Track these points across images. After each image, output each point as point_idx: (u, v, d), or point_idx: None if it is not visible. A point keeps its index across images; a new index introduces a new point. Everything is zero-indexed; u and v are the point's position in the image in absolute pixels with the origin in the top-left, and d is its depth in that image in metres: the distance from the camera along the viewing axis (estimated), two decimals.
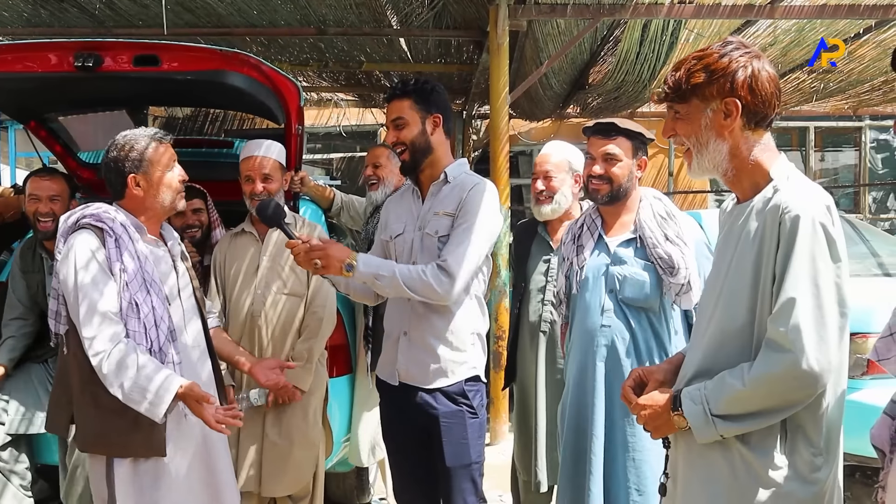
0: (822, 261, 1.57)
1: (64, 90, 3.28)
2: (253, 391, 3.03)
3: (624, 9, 4.97)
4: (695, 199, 9.33)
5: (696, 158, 1.75)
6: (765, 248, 1.64)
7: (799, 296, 1.56)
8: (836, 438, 1.66)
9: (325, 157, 11.57)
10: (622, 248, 2.58)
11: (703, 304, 1.84)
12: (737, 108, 1.68)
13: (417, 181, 2.66)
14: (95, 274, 2.22)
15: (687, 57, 1.75)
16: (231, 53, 2.90)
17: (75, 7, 5.66)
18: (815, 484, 1.62)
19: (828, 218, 1.60)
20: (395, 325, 2.64)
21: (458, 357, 2.55)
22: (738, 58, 1.68)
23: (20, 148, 10.04)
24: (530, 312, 3.18)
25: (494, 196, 2.57)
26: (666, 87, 1.75)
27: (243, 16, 5.86)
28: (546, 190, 3.10)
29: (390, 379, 2.64)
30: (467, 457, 2.57)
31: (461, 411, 2.56)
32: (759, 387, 1.59)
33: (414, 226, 2.60)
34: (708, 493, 1.70)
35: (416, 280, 2.41)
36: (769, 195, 1.66)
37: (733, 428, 1.64)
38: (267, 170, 3.05)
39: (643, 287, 2.52)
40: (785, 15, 5.22)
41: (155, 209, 2.39)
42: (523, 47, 6.00)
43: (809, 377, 1.55)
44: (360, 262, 2.39)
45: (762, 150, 1.72)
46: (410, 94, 2.56)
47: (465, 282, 2.45)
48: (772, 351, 1.59)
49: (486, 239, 2.51)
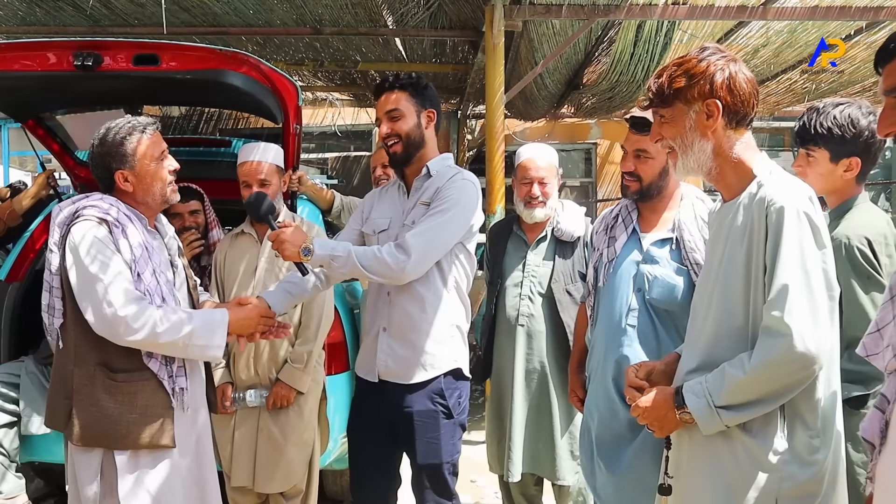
0: (808, 248, 1.66)
1: (63, 89, 3.29)
2: (250, 391, 3.04)
3: (618, 10, 5.00)
4: None
5: (682, 159, 1.84)
6: (754, 242, 1.72)
7: (791, 282, 1.64)
8: (831, 420, 1.75)
9: (320, 157, 11.57)
10: (656, 248, 2.46)
11: (697, 302, 1.90)
12: (718, 109, 1.77)
13: (403, 176, 2.67)
14: (111, 258, 2.16)
15: (668, 64, 1.85)
16: (231, 53, 2.92)
17: (71, 6, 5.65)
18: (814, 465, 1.70)
19: (811, 207, 1.70)
20: (373, 321, 2.65)
21: (438, 350, 2.56)
22: (715, 61, 1.78)
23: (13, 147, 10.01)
24: (507, 307, 3.24)
25: (472, 188, 2.57)
26: (650, 94, 1.84)
27: (239, 15, 5.86)
28: (542, 195, 3.14)
29: (369, 376, 2.63)
30: (438, 456, 2.58)
31: (436, 411, 2.57)
32: (759, 373, 1.66)
33: (399, 221, 2.61)
34: (712, 481, 1.77)
35: (370, 258, 2.41)
36: (754, 190, 1.76)
37: (737, 417, 1.71)
38: (263, 174, 3.05)
39: (673, 291, 2.39)
40: (777, 16, 5.25)
41: (147, 203, 2.33)
42: (518, 47, 6.02)
43: (806, 358, 1.63)
44: (316, 245, 2.39)
45: (744, 149, 1.81)
46: (406, 87, 2.57)
47: (421, 260, 2.43)
48: (769, 337, 1.66)
49: (455, 226, 2.50)
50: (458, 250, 2.59)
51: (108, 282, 2.14)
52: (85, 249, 2.16)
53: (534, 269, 3.21)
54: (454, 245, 2.55)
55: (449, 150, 9.45)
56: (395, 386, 2.59)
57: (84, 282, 2.16)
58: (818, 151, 2.31)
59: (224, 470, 3.06)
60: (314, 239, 2.42)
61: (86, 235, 2.18)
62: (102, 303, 2.13)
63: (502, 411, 3.28)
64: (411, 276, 2.47)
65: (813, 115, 2.32)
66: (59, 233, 2.23)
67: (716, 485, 1.76)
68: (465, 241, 2.59)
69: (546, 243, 3.23)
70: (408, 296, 2.55)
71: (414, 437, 2.57)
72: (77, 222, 2.21)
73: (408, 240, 2.42)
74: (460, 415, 2.65)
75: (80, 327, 2.21)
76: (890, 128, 1.52)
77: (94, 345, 2.20)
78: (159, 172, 2.32)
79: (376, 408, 2.65)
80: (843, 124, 2.26)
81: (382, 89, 2.61)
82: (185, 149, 4.05)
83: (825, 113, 2.29)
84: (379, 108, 2.62)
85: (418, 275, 2.49)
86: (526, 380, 3.19)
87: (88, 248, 2.16)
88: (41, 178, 3.69)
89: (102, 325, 2.15)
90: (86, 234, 2.18)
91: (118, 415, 2.20)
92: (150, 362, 2.24)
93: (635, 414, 1.90)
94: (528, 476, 3.29)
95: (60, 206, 2.28)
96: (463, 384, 2.65)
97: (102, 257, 2.16)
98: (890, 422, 1.52)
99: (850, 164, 2.30)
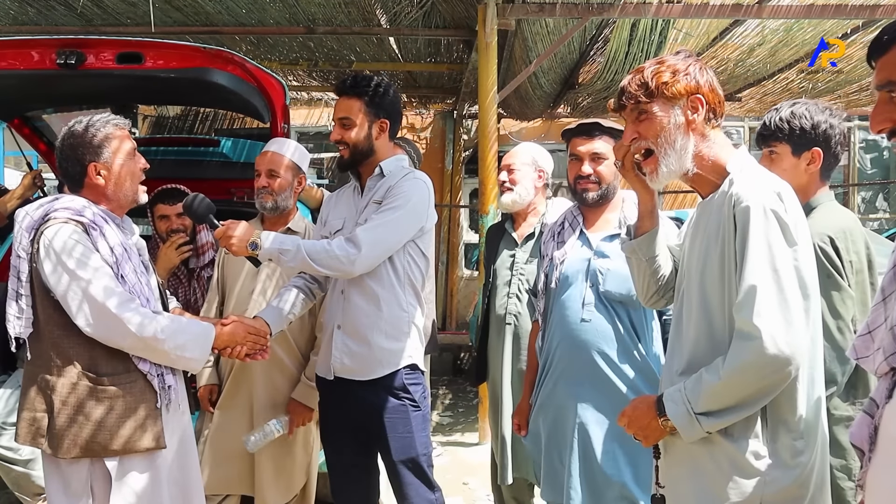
0: (777, 246, 1.63)
1: (46, 88, 3.27)
2: (272, 421, 2.93)
3: (612, 8, 4.97)
4: (685, 199, 9.35)
5: (663, 161, 1.82)
6: (726, 241, 1.70)
7: (759, 282, 1.61)
8: (814, 422, 1.71)
9: (315, 157, 11.54)
10: (606, 243, 2.55)
11: (677, 308, 1.88)
12: (702, 104, 1.77)
13: (358, 176, 2.68)
14: (92, 258, 2.10)
15: (644, 64, 1.85)
16: (215, 51, 2.89)
17: (62, 5, 5.62)
18: (798, 468, 1.67)
19: (779, 205, 1.66)
20: (329, 320, 2.66)
21: (394, 346, 2.56)
22: (693, 63, 1.81)
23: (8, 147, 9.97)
24: (497, 306, 3.26)
25: (424, 187, 2.59)
26: (630, 90, 1.82)
27: (232, 14, 5.83)
28: (508, 182, 3.22)
29: (326, 374, 2.64)
30: (413, 449, 2.59)
31: (403, 405, 2.58)
32: (733, 378, 1.63)
33: (353, 220, 2.62)
34: (695, 488, 1.74)
35: (320, 252, 2.42)
36: (726, 188, 1.73)
37: (717, 423, 1.67)
38: (272, 165, 2.98)
39: (627, 281, 2.40)
40: (773, 15, 5.22)
41: (118, 200, 2.26)
42: (512, 46, 5.99)
43: (779, 361, 1.60)
44: (263, 238, 2.42)
45: (720, 147, 1.81)
46: (362, 94, 2.56)
47: (371, 254, 2.45)
48: (740, 340, 1.63)
49: (406, 223, 2.52)
50: (410, 248, 2.61)
51: (101, 284, 2.08)
52: (66, 253, 2.08)
53: (522, 266, 3.22)
54: (406, 242, 2.57)
55: (444, 150, 9.43)
56: (354, 383, 2.59)
57: (72, 286, 2.07)
58: (779, 146, 2.35)
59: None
60: (261, 233, 2.44)
61: (61, 237, 2.09)
62: (99, 305, 2.07)
63: (496, 412, 3.27)
64: (360, 270, 2.48)
65: (772, 114, 2.37)
66: (28, 237, 2.13)
67: (699, 491, 1.73)
68: (417, 240, 2.61)
69: (534, 241, 3.23)
70: (362, 293, 2.56)
71: (386, 434, 2.58)
72: (48, 225, 2.12)
73: (358, 234, 2.45)
74: (426, 406, 2.68)
75: (59, 333, 2.12)
76: (883, 124, 1.46)
77: (77, 350, 2.12)
78: (133, 169, 2.26)
79: (341, 407, 2.66)
80: (802, 115, 2.31)
81: (340, 92, 2.62)
82: (173, 148, 4.02)
83: (782, 109, 2.36)
84: (334, 111, 2.64)
85: (368, 269, 2.50)
86: (514, 380, 3.16)
87: (70, 251, 2.08)
88: (27, 178, 3.65)
89: (99, 328, 2.09)
90: (61, 236, 2.10)
91: (107, 420, 2.12)
92: (140, 363, 2.18)
93: (622, 424, 1.88)
94: (521, 480, 3.27)
95: (27, 210, 2.18)
96: (421, 375, 2.68)
97: (85, 259, 2.09)
98: (879, 427, 1.47)
99: (812, 156, 2.32)
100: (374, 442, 2.65)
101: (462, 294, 9.08)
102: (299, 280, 2.73)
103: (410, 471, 2.60)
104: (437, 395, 7.27)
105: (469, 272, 9.16)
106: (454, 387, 7.75)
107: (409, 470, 2.60)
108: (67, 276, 2.07)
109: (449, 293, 9.05)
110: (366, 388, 2.57)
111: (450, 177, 9.34)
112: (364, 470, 2.75)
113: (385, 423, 2.56)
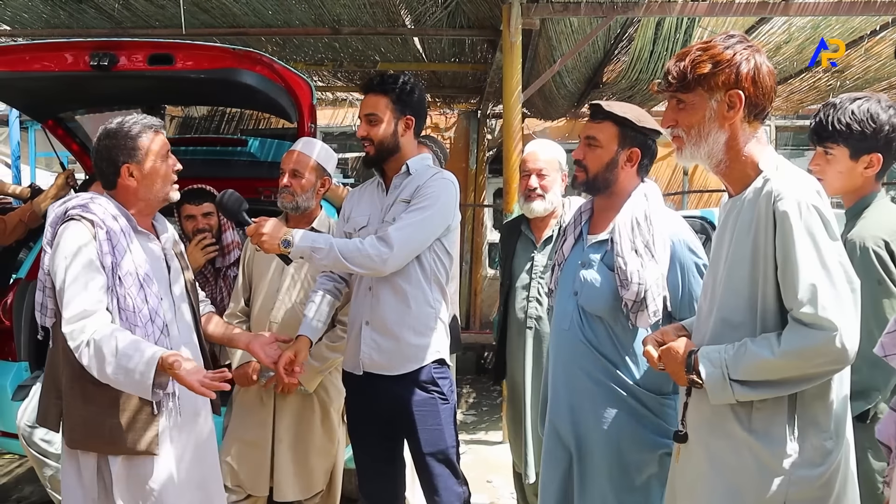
0: (822, 242, 1.62)
1: (80, 89, 3.33)
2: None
3: (637, 6, 4.95)
4: (710, 199, 9.26)
5: (691, 147, 1.78)
6: (760, 237, 1.68)
7: (817, 280, 1.60)
8: (843, 420, 1.71)
9: (340, 157, 11.62)
10: (593, 250, 2.33)
11: (701, 299, 1.87)
12: (740, 100, 1.72)
13: (383, 173, 2.71)
14: (84, 268, 2.15)
15: (690, 47, 1.78)
16: (244, 52, 2.94)
17: (93, 8, 5.72)
18: (825, 466, 1.66)
19: (819, 200, 1.65)
20: (356, 316, 2.69)
21: (422, 341, 2.60)
22: (741, 50, 1.72)
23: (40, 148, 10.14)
24: (517, 309, 3.21)
25: (451, 187, 2.63)
26: (670, 77, 1.78)
27: (258, 16, 5.89)
28: (539, 188, 3.11)
29: (354, 370, 2.68)
30: (443, 442, 2.63)
31: (433, 398, 2.62)
32: (791, 358, 1.62)
33: (378, 218, 2.65)
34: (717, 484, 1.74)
35: (353, 250, 2.46)
36: (760, 185, 1.71)
37: (750, 394, 1.67)
38: (296, 165, 2.97)
39: (599, 296, 2.25)
40: (799, 12, 5.16)
41: (148, 200, 2.32)
42: (537, 46, 5.98)
43: (843, 354, 1.59)
44: (296, 236, 2.45)
45: (756, 143, 1.77)
46: (388, 91, 2.60)
47: (402, 253, 2.49)
48: (809, 329, 1.61)
49: (435, 222, 2.56)
50: (436, 246, 2.65)
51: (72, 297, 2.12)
52: (65, 253, 2.16)
53: (541, 270, 3.17)
54: (433, 241, 2.61)
55: (468, 149, 9.44)
56: (383, 378, 2.63)
57: (60, 289, 2.16)
58: (837, 149, 2.23)
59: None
60: (294, 231, 2.48)
61: (68, 239, 2.18)
62: (64, 312, 2.13)
63: (517, 413, 3.27)
64: (392, 269, 2.52)
65: (830, 112, 2.23)
66: (51, 233, 2.24)
67: (721, 487, 1.73)
68: (443, 238, 2.65)
69: (552, 245, 3.17)
70: (390, 290, 2.60)
71: (416, 427, 2.62)
72: (65, 224, 2.22)
73: (390, 233, 2.48)
74: (453, 400, 2.72)
75: None
76: None
77: None
78: (166, 171, 2.32)
79: (369, 402, 2.69)
80: (863, 119, 2.17)
81: (367, 89, 2.65)
82: (201, 148, 4.08)
83: (843, 108, 2.20)
84: (360, 108, 2.67)
85: (398, 267, 2.54)
86: (536, 382, 3.14)
87: (67, 253, 2.16)
88: (61, 178, 3.72)
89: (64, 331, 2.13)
90: (69, 237, 2.18)
91: (101, 420, 2.18)
92: None
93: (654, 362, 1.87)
94: None
95: (53, 207, 2.29)
96: (447, 370, 2.71)
97: (77, 264, 2.15)
98: None
99: (870, 161, 2.21)
100: (403, 435, 2.69)
101: (486, 293, 9.08)
102: (328, 282, 2.76)
103: (440, 463, 2.64)
104: (460, 393, 7.29)
105: (493, 272, 9.16)
106: (478, 385, 7.76)
107: (439, 462, 2.64)
108: (60, 278, 2.16)
109: (473, 292, 9.06)
110: (395, 382, 2.61)
111: (474, 176, 9.35)
112: (391, 464, 2.79)
113: (415, 416, 2.60)
